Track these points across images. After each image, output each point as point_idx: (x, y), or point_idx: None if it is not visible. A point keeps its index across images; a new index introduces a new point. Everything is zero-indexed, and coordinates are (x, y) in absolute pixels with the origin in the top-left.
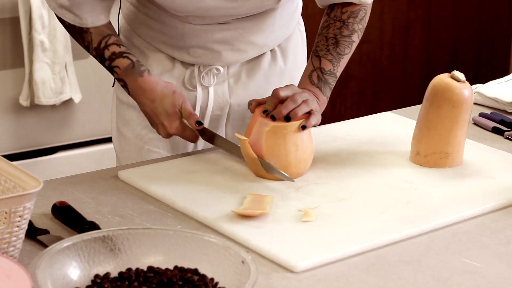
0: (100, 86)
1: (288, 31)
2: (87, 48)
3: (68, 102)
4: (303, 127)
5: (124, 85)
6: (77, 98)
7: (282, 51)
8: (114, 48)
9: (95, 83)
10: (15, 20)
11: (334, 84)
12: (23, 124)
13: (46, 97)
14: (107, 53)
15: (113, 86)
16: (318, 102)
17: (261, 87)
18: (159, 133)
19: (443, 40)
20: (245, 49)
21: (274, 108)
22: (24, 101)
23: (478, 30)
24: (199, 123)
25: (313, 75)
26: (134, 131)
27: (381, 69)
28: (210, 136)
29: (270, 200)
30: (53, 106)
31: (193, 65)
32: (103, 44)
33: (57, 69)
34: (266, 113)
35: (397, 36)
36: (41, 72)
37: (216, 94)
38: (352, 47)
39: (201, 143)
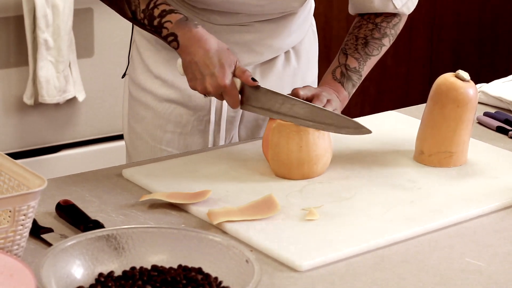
0: (104, 84)
1: (302, 34)
2: (134, 12)
3: (72, 100)
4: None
5: (174, 40)
6: (81, 97)
7: (296, 52)
8: (164, 7)
9: (99, 81)
10: (19, 19)
11: (358, 82)
12: (27, 123)
13: (50, 95)
14: (156, 12)
15: (122, 77)
16: (338, 97)
17: (275, 87)
18: (196, 88)
19: (447, 39)
20: (261, 51)
21: None
22: (28, 99)
23: (481, 30)
24: (254, 79)
25: (337, 71)
26: (147, 129)
27: (385, 69)
28: (246, 100)
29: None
30: (57, 105)
31: None
32: (151, 5)
33: (61, 68)
34: None
35: (400, 35)
36: (45, 71)
37: None
38: (382, 50)
39: (210, 142)
